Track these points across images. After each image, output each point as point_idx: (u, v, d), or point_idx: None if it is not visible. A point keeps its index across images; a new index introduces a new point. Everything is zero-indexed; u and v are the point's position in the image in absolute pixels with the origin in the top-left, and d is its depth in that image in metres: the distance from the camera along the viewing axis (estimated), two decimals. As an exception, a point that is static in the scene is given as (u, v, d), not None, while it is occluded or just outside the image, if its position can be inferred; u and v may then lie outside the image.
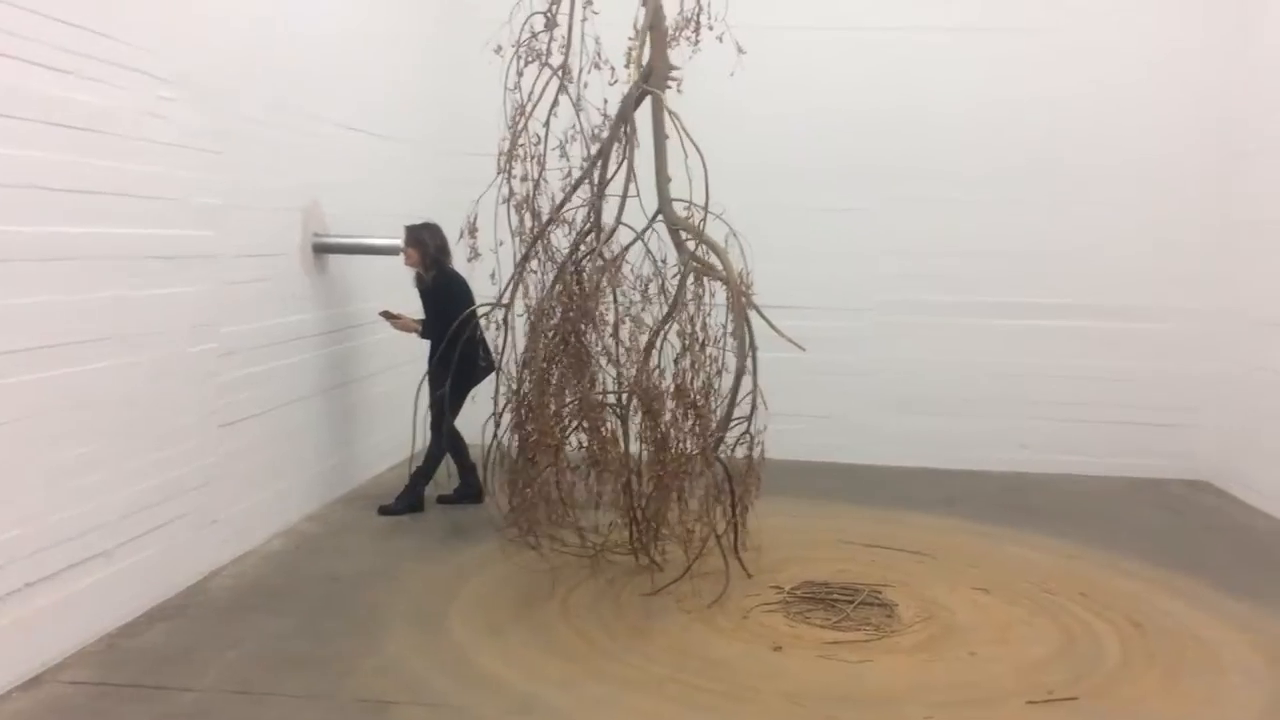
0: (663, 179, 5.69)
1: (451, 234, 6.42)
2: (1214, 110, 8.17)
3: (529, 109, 5.64)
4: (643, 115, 5.68)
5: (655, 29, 5.64)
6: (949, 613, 5.33)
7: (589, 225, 5.72)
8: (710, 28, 5.67)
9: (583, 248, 5.69)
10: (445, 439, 6.85)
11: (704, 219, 5.56)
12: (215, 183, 5.45)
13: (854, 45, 8.44)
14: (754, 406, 5.48)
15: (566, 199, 5.72)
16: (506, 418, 5.72)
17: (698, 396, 5.44)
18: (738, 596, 5.41)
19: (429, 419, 6.77)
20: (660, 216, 5.70)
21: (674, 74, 5.69)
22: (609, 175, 5.70)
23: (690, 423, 5.43)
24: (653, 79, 5.63)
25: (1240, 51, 8.02)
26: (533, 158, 5.69)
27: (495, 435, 5.82)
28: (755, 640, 4.94)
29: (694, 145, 5.37)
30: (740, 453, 5.55)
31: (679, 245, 5.68)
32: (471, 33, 5.90)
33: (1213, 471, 8.28)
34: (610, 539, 5.75)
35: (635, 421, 5.54)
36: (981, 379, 8.54)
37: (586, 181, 5.71)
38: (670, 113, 5.53)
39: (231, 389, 5.67)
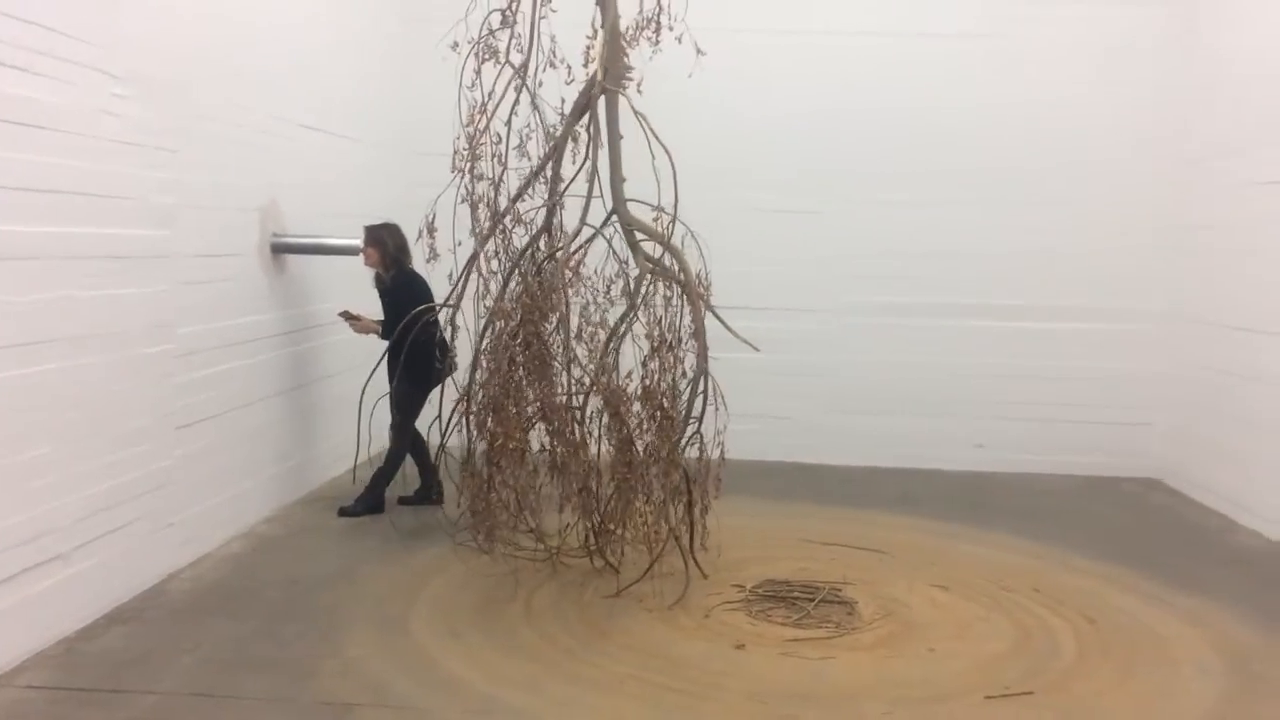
0: (617, 179, 5.67)
1: (411, 234, 6.38)
2: (1166, 116, 8.31)
3: (491, 108, 5.62)
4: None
5: (611, 28, 5.64)
6: (908, 610, 5.39)
7: (545, 225, 5.71)
8: (670, 28, 5.68)
9: (543, 247, 5.68)
10: (406, 440, 6.82)
11: (672, 222, 5.55)
12: (171, 181, 5.39)
13: (813, 50, 8.49)
14: (705, 406, 5.49)
15: (518, 196, 5.70)
16: (462, 420, 5.67)
17: (664, 398, 5.45)
18: (699, 596, 5.44)
19: (390, 421, 6.73)
20: (615, 217, 5.69)
21: (629, 74, 5.69)
22: (566, 175, 5.68)
23: (657, 423, 5.43)
24: (607, 78, 5.62)
25: (1191, 57, 8.17)
26: (494, 156, 5.67)
27: (443, 438, 5.80)
28: (717, 639, 4.96)
29: (663, 147, 5.37)
30: (692, 453, 5.55)
31: (634, 246, 5.68)
32: (431, 32, 5.87)
33: (1165, 470, 8.42)
34: (566, 542, 5.73)
35: (596, 423, 5.53)
36: (939, 379, 8.62)
37: (542, 180, 5.70)
38: (638, 114, 5.52)
39: (189, 390, 5.62)
